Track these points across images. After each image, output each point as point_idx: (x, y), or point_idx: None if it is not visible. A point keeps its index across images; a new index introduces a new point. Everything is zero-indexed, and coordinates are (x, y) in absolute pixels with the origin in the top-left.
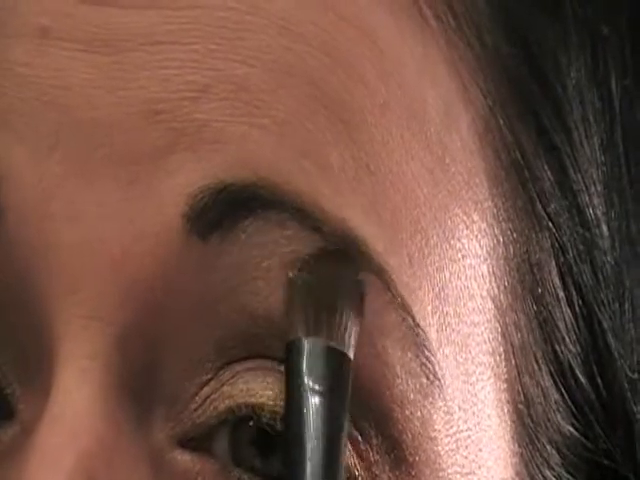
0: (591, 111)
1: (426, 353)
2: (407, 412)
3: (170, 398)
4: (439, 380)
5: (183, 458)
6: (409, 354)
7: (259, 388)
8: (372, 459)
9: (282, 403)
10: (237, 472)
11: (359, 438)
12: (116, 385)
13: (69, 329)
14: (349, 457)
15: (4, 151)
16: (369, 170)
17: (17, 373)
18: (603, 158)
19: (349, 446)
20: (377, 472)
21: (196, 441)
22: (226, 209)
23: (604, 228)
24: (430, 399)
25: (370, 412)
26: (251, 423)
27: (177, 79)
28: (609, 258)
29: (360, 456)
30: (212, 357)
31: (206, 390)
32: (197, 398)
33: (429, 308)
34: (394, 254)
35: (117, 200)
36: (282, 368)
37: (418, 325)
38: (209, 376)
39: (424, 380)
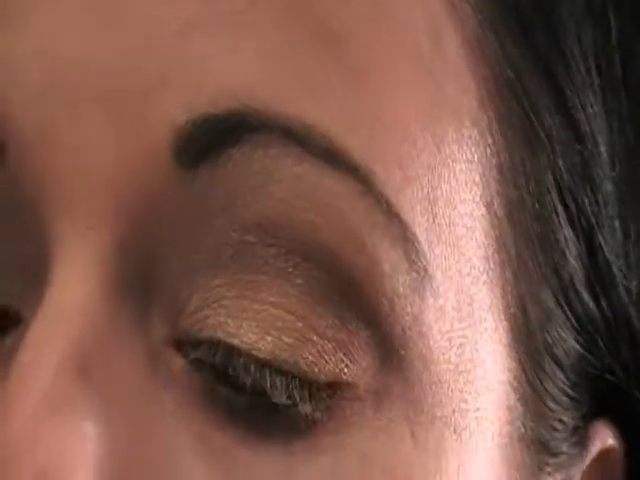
0: (587, 38)
1: (414, 250)
2: (397, 307)
3: (167, 302)
4: (429, 277)
5: (178, 361)
6: (397, 251)
7: (234, 326)
8: (361, 352)
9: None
10: (224, 390)
11: (349, 330)
12: (114, 285)
13: (68, 240)
14: (337, 363)
15: (2, 92)
16: (355, 82)
17: (22, 285)
18: (599, 81)
19: (340, 353)
20: (365, 365)
21: (190, 348)
22: (212, 139)
23: (602, 148)
24: (420, 295)
25: (359, 307)
26: None
27: (163, 18)
28: (608, 177)
29: (349, 352)
30: (206, 264)
31: (198, 299)
32: (191, 306)
33: (418, 208)
34: (381, 160)
35: (108, 136)
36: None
37: (405, 223)
38: (205, 280)
39: (414, 276)
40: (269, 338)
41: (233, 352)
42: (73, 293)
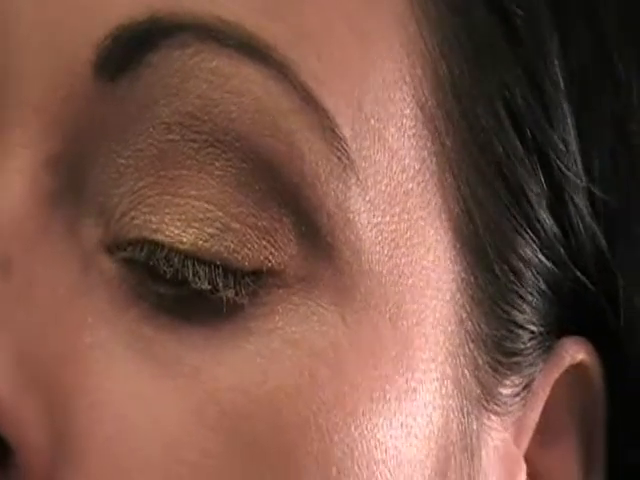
0: None
1: (335, 136)
2: (319, 191)
3: (98, 210)
4: (354, 166)
5: (109, 264)
6: (316, 135)
7: (157, 222)
8: (286, 239)
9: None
10: (154, 285)
11: (272, 217)
12: (45, 196)
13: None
14: (261, 250)
15: None
16: None
17: None
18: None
19: (263, 240)
20: (292, 252)
21: (119, 250)
22: (130, 49)
23: (552, 59)
24: (345, 182)
25: (281, 193)
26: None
27: None
28: (562, 92)
29: (273, 239)
30: (132, 167)
31: (126, 203)
32: (119, 210)
33: (343, 100)
34: (299, 48)
35: (38, 64)
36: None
37: (325, 110)
38: (131, 184)
39: (335, 161)
40: (191, 230)
41: (157, 247)
42: (2, 201)
